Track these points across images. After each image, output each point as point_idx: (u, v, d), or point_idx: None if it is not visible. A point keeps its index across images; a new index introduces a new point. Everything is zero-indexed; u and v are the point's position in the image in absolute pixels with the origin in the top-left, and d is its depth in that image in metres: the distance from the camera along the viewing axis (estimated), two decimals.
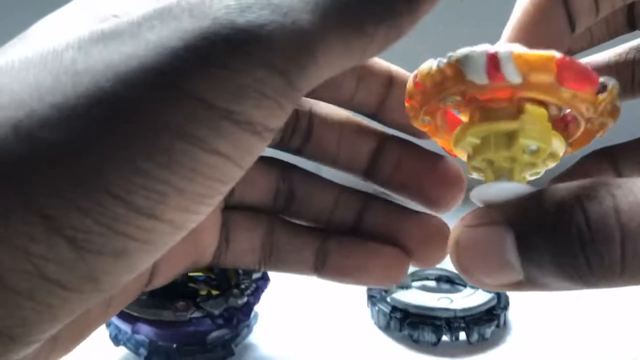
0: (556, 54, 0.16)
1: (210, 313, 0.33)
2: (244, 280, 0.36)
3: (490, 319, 0.38)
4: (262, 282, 0.37)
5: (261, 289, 0.36)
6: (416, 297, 0.38)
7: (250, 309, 0.36)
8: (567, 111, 0.19)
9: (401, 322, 0.38)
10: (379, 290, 0.40)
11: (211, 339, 0.34)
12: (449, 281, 0.43)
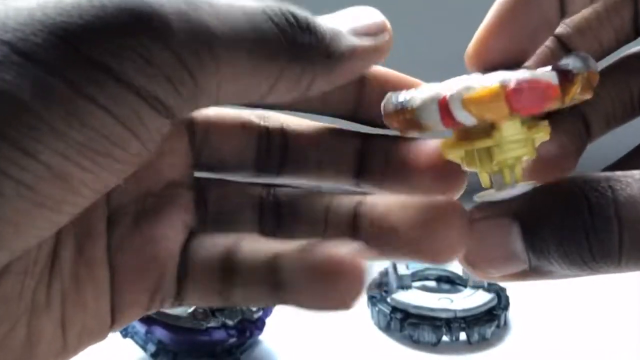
0: (507, 81, 0.17)
1: (225, 323, 0.33)
2: None
3: (491, 319, 0.38)
4: None
5: None
6: (416, 298, 0.38)
7: (263, 322, 0.36)
8: None
9: (401, 323, 0.38)
10: (379, 290, 0.40)
11: (221, 346, 0.34)
12: (449, 281, 0.43)
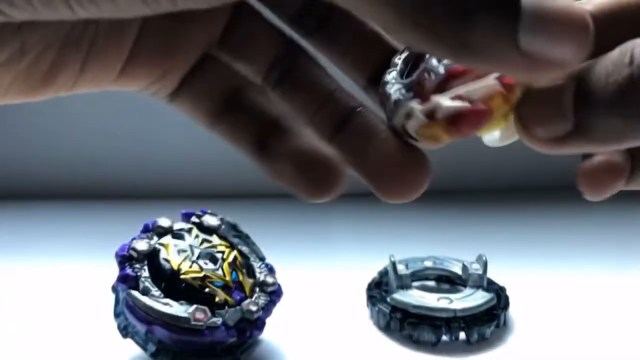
0: (444, 111, 0.19)
1: (225, 323, 0.33)
2: (259, 292, 0.36)
3: (490, 319, 0.38)
4: (276, 296, 0.37)
5: (274, 303, 0.36)
6: (416, 298, 0.38)
7: (263, 322, 0.36)
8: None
9: (401, 322, 0.38)
10: (379, 290, 0.40)
11: (220, 346, 0.34)
12: (448, 281, 0.43)
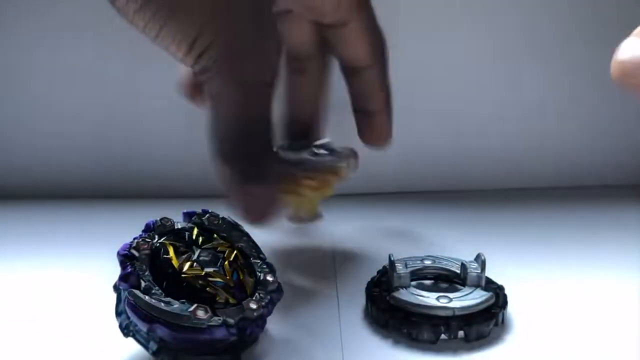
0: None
1: (226, 322, 0.33)
2: (259, 291, 0.36)
3: (489, 318, 0.38)
4: (276, 295, 0.37)
5: (275, 301, 0.36)
6: (415, 296, 0.38)
7: (264, 321, 0.36)
8: None
9: (400, 321, 0.38)
10: (378, 289, 0.40)
11: (221, 344, 0.34)
12: (447, 280, 0.43)
